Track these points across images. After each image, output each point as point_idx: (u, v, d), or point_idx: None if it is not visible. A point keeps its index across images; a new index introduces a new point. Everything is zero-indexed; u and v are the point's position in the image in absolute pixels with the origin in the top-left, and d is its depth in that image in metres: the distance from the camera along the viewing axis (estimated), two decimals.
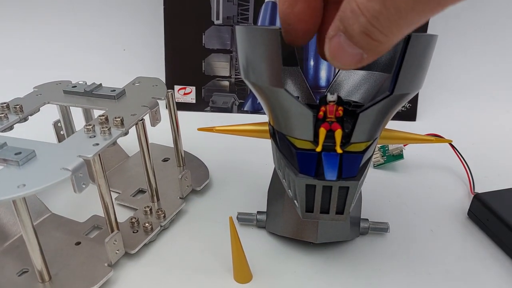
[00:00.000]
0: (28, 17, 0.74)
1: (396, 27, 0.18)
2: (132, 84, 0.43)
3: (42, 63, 0.73)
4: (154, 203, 0.41)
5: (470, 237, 0.39)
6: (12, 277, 0.34)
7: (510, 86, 0.65)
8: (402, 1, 0.17)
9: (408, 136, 0.36)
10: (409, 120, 0.61)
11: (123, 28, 0.73)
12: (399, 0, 0.17)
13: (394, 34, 0.19)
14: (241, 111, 0.63)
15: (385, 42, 0.19)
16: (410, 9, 0.17)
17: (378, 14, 0.18)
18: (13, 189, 0.27)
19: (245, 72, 0.29)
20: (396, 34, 0.19)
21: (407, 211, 0.42)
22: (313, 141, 0.28)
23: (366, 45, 0.20)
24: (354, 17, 0.19)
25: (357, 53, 0.20)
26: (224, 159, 0.50)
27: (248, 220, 0.39)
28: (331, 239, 0.36)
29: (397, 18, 0.18)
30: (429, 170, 0.49)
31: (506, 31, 0.64)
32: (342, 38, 0.20)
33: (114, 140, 0.33)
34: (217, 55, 0.61)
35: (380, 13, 0.18)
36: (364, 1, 0.18)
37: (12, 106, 0.39)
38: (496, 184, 0.42)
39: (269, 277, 0.35)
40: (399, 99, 0.28)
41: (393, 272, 0.35)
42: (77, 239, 0.37)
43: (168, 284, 0.34)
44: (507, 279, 0.35)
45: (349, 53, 0.21)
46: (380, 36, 0.19)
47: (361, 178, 0.29)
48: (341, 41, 0.20)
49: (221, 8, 0.60)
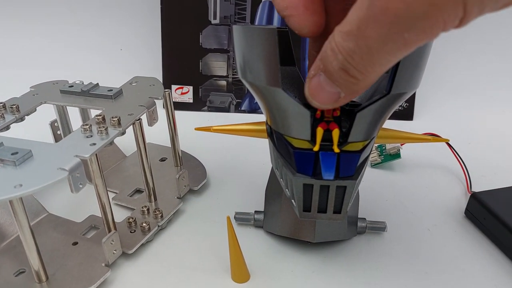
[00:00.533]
0: (24, 16, 0.73)
1: (370, 64, 0.20)
2: (129, 84, 0.43)
3: (39, 63, 0.72)
4: (151, 203, 0.41)
5: (467, 236, 0.39)
6: (9, 278, 0.34)
7: (507, 85, 0.65)
8: (372, 41, 0.19)
9: (405, 136, 0.36)
10: (406, 120, 0.61)
11: (120, 28, 0.73)
12: (369, 40, 0.19)
13: (368, 72, 0.20)
14: (239, 110, 0.63)
15: (361, 79, 0.21)
16: (380, 49, 0.19)
17: (352, 53, 0.20)
18: (9, 189, 0.27)
19: (242, 72, 0.29)
20: (370, 72, 0.20)
21: (404, 210, 0.42)
22: (310, 141, 0.28)
23: (343, 82, 0.21)
24: (333, 55, 0.21)
25: (335, 92, 0.22)
26: (222, 159, 0.50)
27: (245, 220, 0.39)
28: (329, 239, 0.36)
29: (369, 56, 0.19)
30: (426, 169, 0.49)
31: (503, 31, 0.64)
32: (321, 77, 0.22)
33: (111, 140, 0.33)
34: (214, 54, 0.61)
35: (354, 52, 0.20)
36: (340, 41, 0.20)
37: (8, 106, 0.38)
38: (492, 183, 0.42)
39: (267, 276, 0.35)
40: (396, 99, 0.28)
41: (391, 271, 0.35)
42: (74, 239, 0.37)
43: (166, 284, 0.34)
44: (504, 278, 0.35)
45: (327, 91, 0.22)
46: (356, 72, 0.20)
47: (358, 178, 0.29)
48: (320, 80, 0.22)
49: (218, 7, 0.60)
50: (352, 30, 0.19)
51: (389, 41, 0.19)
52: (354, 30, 0.19)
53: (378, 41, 0.19)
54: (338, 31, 0.20)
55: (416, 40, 0.18)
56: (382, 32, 0.18)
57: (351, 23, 0.19)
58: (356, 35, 0.19)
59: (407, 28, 0.18)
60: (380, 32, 0.18)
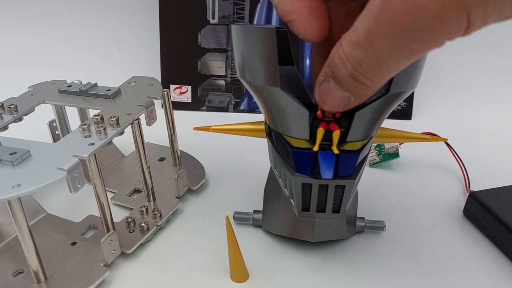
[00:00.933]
0: (22, 16, 0.73)
1: (378, 72, 0.21)
2: (128, 84, 0.43)
3: (37, 63, 0.72)
4: (150, 203, 0.41)
5: (465, 235, 0.39)
6: (7, 278, 0.33)
7: (505, 84, 0.65)
8: (380, 51, 0.19)
9: (403, 135, 0.36)
10: (404, 119, 0.61)
11: (119, 27, 0.73)
12: (378, 50, 0.19)
13: (377, 79, 0.21)
14: (237, 110, 0.63)
15: (370, 86, 0.21)
16: (388, 58, 0.20)
17: (361, 62, 0.20)
18: (8, 189, 0.27)
19: (241, 71, 0.29)
20: (379, 78, 0.21)
21: (403, 210, 0.42)
22: (309, 140, 0.28)
23: (353, 89, 0.22)
24: (342, 63, 0.21)
25: (345, 96, 0.23)
26: (220, 158, 0.50)
27: (244, 219, 0.39)
28: (327, 238, 0.36)
29: (378, 65, 0.20)
30: (425, 168, 0.49)
31: (502, 30, 0.64)
32: (331, 83, 0.23)
33: (109, 140, 0.33)
34: (213, 54, 0.61)
35: (362, 61, 0.20)
36: (348, 50, 0.20)
37: (6, 106, 0.38)
38: (491, 182, 0.42)
39: (266, 276, 0.35)
40: (394, 98, 0.28)
41: (389, 270, 0.35)
42: (73, 239, 0.37)
43: (165, 283, 0.34)
44: (503, 277, 0.35)
45: (338, 96, 0.23)
46: (365, 80, 0.21)
47: (357, 177, 0.29)
48: (330, 85, 0.23)
49: (217, 7, 0.60)
50: (359, 40, 0.20)
51: (396, 51, 0.19)
52: (362, 40, 0.20)
53: (385, 51, 0.19)
54: (346, 40, 0.21)
55: (422, 49, 0.19)
56: (389, 43, 0.19)
57: (359, 33, 0.20)
58: (364, 45, 0.20)
59: (413, 39, 0.18)
60: (387, 43, 0.19)
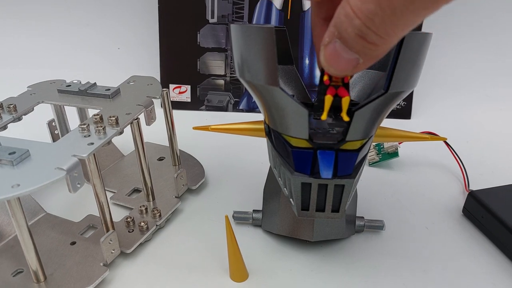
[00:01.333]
0: (21, 15, 0.73)
1: (392, 28, 0.18)
2: (127, 83, 0.43)
3: (36, 62, 0.72)
4: (149, 202, 0.41)
5: (465, 234, 0.39)
6: (7, 278, 0.33)
7: (504, 83, 0.65)
8: (397, 1, 0.17)
9: (403, 134, 0.36)
10: (404, 118, 0.61)
11: (118, 27, 0.72)
12: (394, 0, 0.17)
13: (389, 36, 0.19)
14: (236, 109, 0.63)
15: (380, 45, 0.19)
16: (406, 8, 0.17)
17: (373, 16, 0.18)
18: (7, 189, 0.27)
19: (240, 71, 0.29)
20: (392, 36, 0.19)
21: (402, 209, 0.42)
22: (308, 139, 0.28)
23: (361, 49, 0.20)
24: (348, 21, 0.19)
25: (353, 58, 0.20)
26: (220, 158, 0.50)
27: (244, 219, 0.39)
28: (327, 237, 0.36)
29: (393, 18, 0.18)
30: (424, 168, 0.49)
31: (500, 29, 0.64)
32: (337, 44, 0.20)
33: (109, 139, 0.33)
34: (212, 53, 0.61)
35: (375, 14, 0.18)
36: (358, 3, 0.18)
37: (5, 106, 0.38)
38: (490, 182, 0.42)
39: (265, 275, 0.35)
40: (394, 97, 0.28)
41: (389, 269, 0.35)
42: (72, 239, 0.37)
43: (164, 283, 0.34)
44: (502, 276, 0.35)
45: (345, 58, 0.21)
46: (375, 38, 0.19)
47: (356, 176, 0.29)
48: (336, 47, 0.21)
49: (216, 6, 0.60)
50: None
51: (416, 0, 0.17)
52: None
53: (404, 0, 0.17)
54: None
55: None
56: None
57: None
58: None
59: None
60: None
